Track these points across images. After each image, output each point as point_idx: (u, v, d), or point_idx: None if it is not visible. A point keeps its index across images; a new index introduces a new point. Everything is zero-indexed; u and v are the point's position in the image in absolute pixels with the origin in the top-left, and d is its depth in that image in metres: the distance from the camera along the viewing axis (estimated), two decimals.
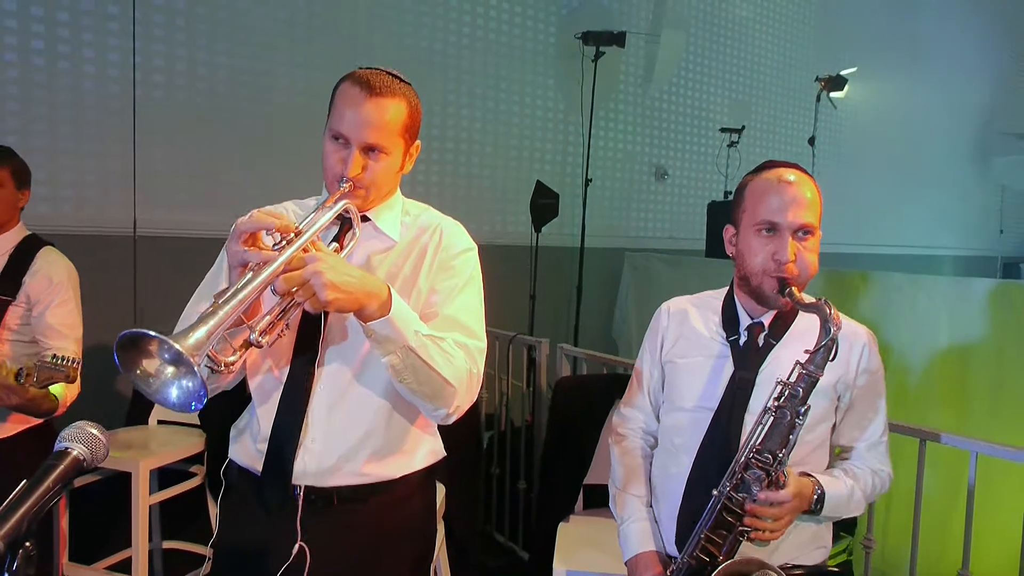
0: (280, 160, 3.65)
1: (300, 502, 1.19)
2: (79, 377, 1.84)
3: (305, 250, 1.03)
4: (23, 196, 2.11)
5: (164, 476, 2.50)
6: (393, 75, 1.21)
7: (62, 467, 0.81)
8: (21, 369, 1.81)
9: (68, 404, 1.94)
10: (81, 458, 0.83)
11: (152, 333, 0.85)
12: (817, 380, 1.19)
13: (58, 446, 0.83)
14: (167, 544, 2.67)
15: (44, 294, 2.02)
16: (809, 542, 1.36)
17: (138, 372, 0.88)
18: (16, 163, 2.09)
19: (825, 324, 1.19)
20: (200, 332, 0.87)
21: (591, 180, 4.53)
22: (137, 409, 2.75)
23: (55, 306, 2.02)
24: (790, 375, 1.22)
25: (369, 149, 1.18)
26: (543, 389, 2.95)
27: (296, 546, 1.18)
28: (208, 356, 0.93)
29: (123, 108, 3.25)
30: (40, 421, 1.98)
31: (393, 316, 1.07)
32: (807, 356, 1.20)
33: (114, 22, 3.20)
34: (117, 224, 3.26)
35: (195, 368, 0.85)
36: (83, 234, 3.08)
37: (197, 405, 0.90)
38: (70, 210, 3.18)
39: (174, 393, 0.90)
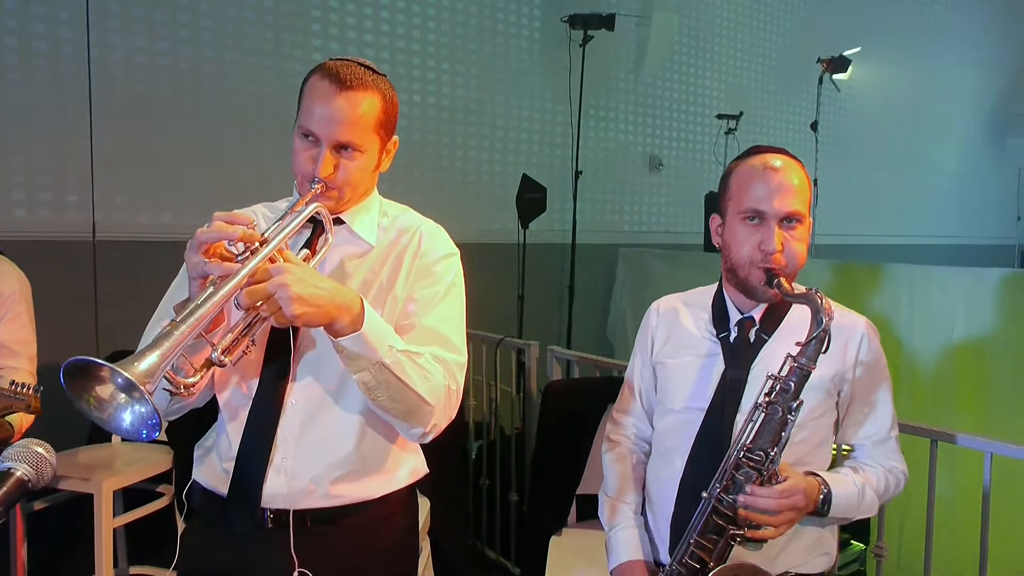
0: (250, 158, 3.64)
1: (268, 526, 1.18)
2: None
3: (272, 260, 1.02)
4: None
5: (130, 497, 2.49)
6: (366, 66, 1.20)
7: (4, 488, 0.82)
8: None
9: (24, 430, 1.93)
10: (25, 479, 0.83)
11: (99, 361, 0.84)
12: (809, 373, 1.20)
13: (0, 467, 0.83)
14: (134, 570, 2.66)
15: None
16: (811, 548, 1.36)
17: (90, 399, 0.88)
18: None
19: (816, 315, 1.20)
20: (152, 357, 0.86)
21: (581, 172, 4.54)
22: (99, 427, 2.73)
23: (6, 321, 2.00)
24: (781, 369, 1.23)
25: (341, 147, 1.17)
26: (533, 394, 2.95)
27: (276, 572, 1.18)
28: (166, 378, 0.92)
29: (78, 104, 3.23)
30: None
31: (365, 331, 1.06)
32: (798, 348, 1.21)
33: (66, 11, 3.18)
34: (74, 228, 3.24)
35: (146, 396, 0.84)
36: (38, 239, 3.06)
37: (151, 433, 0.89)
38: (23, 214, 3.16)
39: (127, 420, 0.89)
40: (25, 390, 1.78)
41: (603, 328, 4.72)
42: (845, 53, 5.35)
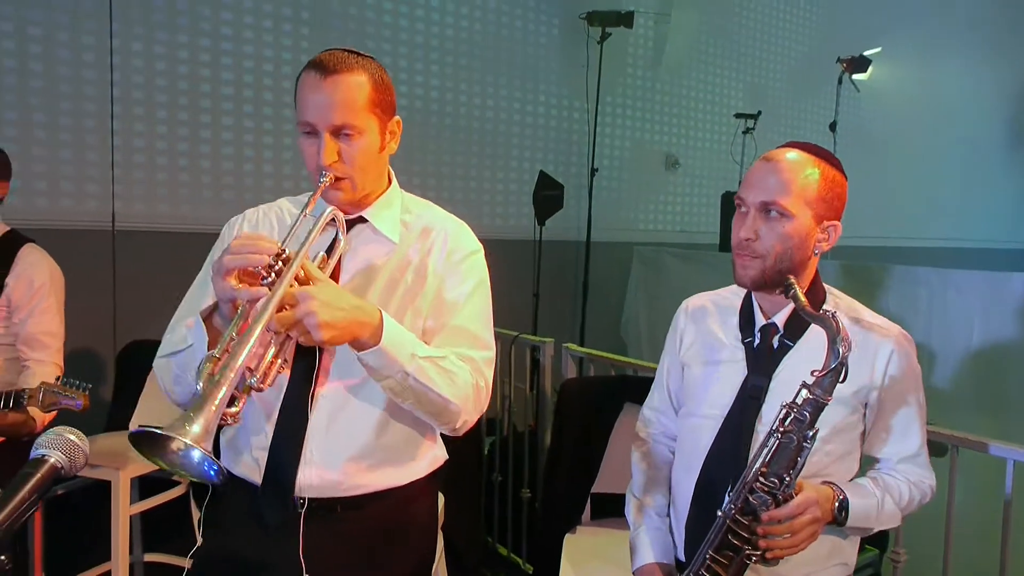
0: (266, 151, 3.65)
1: (302, 516, 1.21)
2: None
3: (297, 277, 1.05)
4: (1, 187, 2.10)
5: (145, 485, 2.51)
6: (349, 51, 1.21)
7: (38, 475, 0.82)
8: (23, 390, 1.84)
9: (47, 422, 1.95)
10: (59, 466, 0.83)
11: (159, 432, 0.89)
12: (824, 405, 1.17)
13: (34, 453, 0.84)
14: (149, 557, 2.68)
15: (25, 299, 2.03)
16: (827, 556, 1.34)
17: (166, 454, 0.93)
18: (2, 169, 2.09)
19: (833, 345, 1.15)
20: (206, 413, 0.92)
21: (597, 170, 4.54)
22: (117, 415, 2.75)
23: (37, 313, 2.04)
24: (796, 397, 1.19)
25: (339, 132, 1.18)
26: (548, 392, 2.95)
27: (299, 560, 1.21)
28: None
29: (100, 95, 3.25)
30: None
31: (385, 345, 1.09)
32: (814, 379, 1.17)
33: (90, 3, 3.20)
34: (94, 218, 3.27)
35: (207, 455, 0.89)
36: (58, 228, 3.08)
37: (210, 475, 0.94)
38: (45, 204, 3.18)
39: (191, 468, 0.93)
40: (74, 388, 1.81)
41: (616, 326, 4.72)
42: (865, 53, 5.30)
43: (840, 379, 1.16)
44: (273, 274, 1.04)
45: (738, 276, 1.32)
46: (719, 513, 1.23)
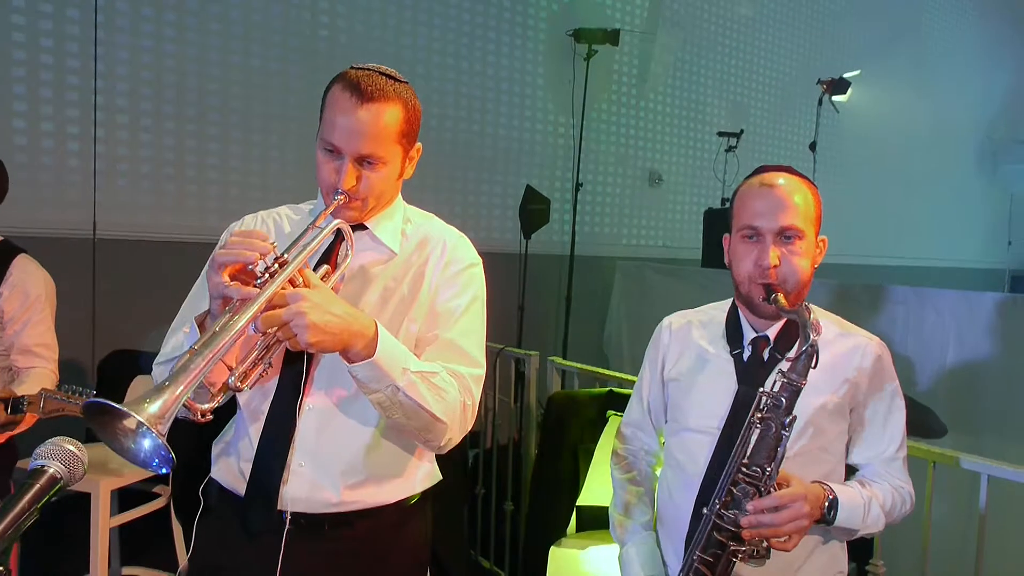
0: (255, 159, 3.65)
1: (286, 527, 1.18)
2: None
3: (292, 281, 1.03)
4: None
5: (125, 497, 2.48)
6: (388, 75, 1.20)
7: (38, 486, 0.81)
8: (23, 397, 1.83)
9: (29, 424, 1.94)
10: (58, 476, 0.82)
11: (115, 405, 0.85)
12: (800, 389, 1.20)
13: (33, 464, 0.83)
14: (127, 570, 2.65)
15: (20, 311, 2.02)
16: (827, 566, 1.37)
17: (109, 433, 0.90)
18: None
19: (804, 329, 1.20)
20: (165, 397, 0.88)
21: (582, 185, 4.58)
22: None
23: (32, 325, 2.02)
24: (772, 385, 1.23)
25: (363, 160, 1.17)
26: (532, 405, 2.96)
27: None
28: (185, 406, 0.93)
29: (83, 102, 3.23)
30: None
31: (378, 359, 1.07)
32: (788, 364, 1.22)
33: (75, 9, 3.19)
34: (75, 226, 3.24)
35: (158, 437, 0.86)
36: (38, 236, 3.04)
37: (164, 467, 0.90)
38: (24, 211, 3.14)
39: (141, 452, 0.90)
40: (76, 395, 1.79)
41: (599, 339, 4.74)
42: (845, 75, 5.42)
43: (812, 364, 1.19)
44: (268, 275, 1.01)
45: (759, 306, 1.34)
46: (704, 511, 1.25)
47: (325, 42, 3.82)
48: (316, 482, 1.19)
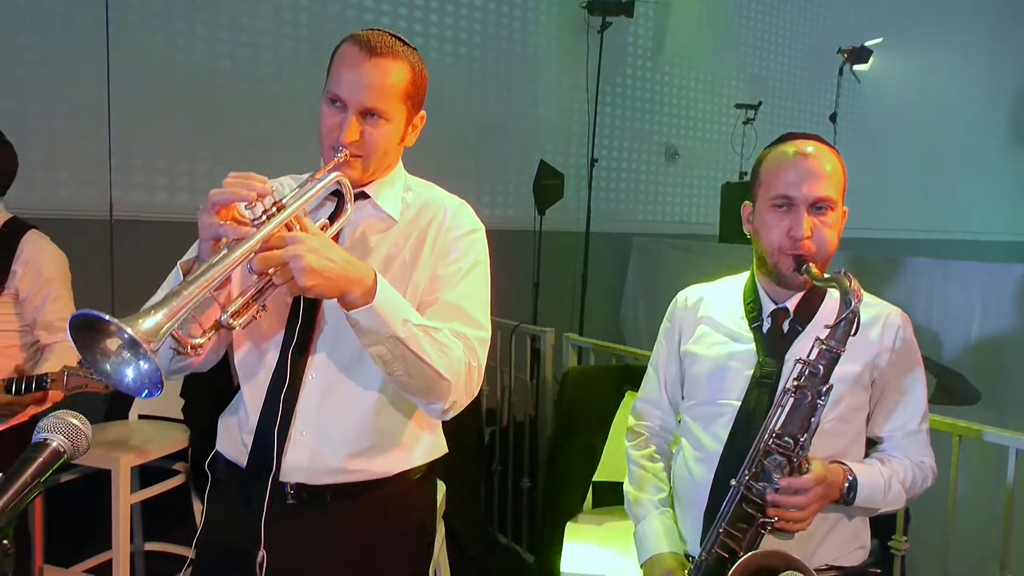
0: (268, 138, 3.63)
1: (287, 500, 1.18)
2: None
3: (288, 227, 1.02)
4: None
5: (145, 474, 2.51)
6: (397, 37, 1.21)
7: (41, 459, 0.81)
8: (45, 375, 1.86)
9: (54, 401, 1.96)
10: (61, 450, 0.82)
11: (105, 317, 0.84)
12: (839, 356, 1.19)
13: (36, 437, 0.83)
14: (149, 546, 2.68)
15: (35, 287, 2.04)
16: (849, 541, 1.35)
17: (96, 353, 0.88)
18: (6, 153, 2.14)
19: (845, 296, 1.19)
20: (158, 316, 0.87)
21: (597, 160, 4.52)
22: (117, 403, 2.75)
23: (50, 300, 2.05)
24: (810, 352, 1.22)
25: (367, 113, 1.17)
26: (547, 381, 2.95)
27: (270, 548, 1.18)
28: (173, 336, 0.92)
29: (96, 83, 3.22)
30: (22, 420, 2.00)
31: (377, 305, 1.06)
32: (827, 331, 1.20)
33: None
34: (92, 207, 3.25)
35: (149, 354, 0.85)
36: (56, 218, 3.06)
37: (152, 392, 0.89)
38: (42, 193, 3.16)
39: (129, 376, 0.89)
40: None
41: (615, 316, 4.71)
42: (867, 44, 5.28)
43: (852, 331, 1.18)
44: (265, 217, 1.01)
45: (787, 277, 1.31)
46: (732, 483, 1.23)
47: (335, 20, 3.78)
48: (317, 451, 1.19)
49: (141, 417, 2.68)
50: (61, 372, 1.87)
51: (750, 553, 1.20)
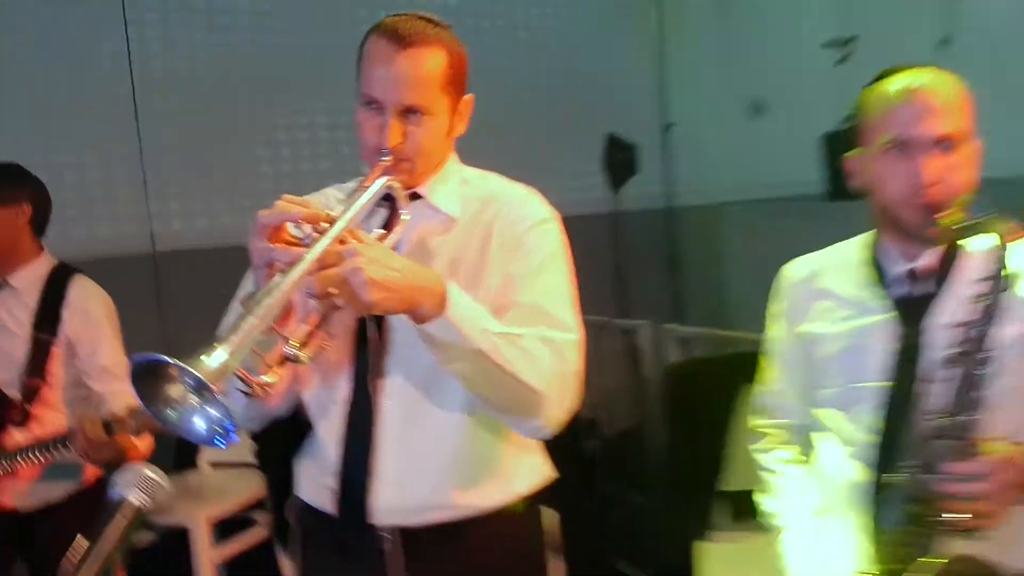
0: (310, 146, 3.69)
1: (385, 545, 1.19)
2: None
3: (342, 241, 1.03)
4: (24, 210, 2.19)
5: (223, 526, 2.54)
6: (426, 19, 1.21)
7: (123, 518, 0.84)
8: (110, 419, 1.92)
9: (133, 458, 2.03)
10: (142, 505, 0.85)
11: (166, 359, 0.85)
12: (993, 317, 1.11)
13: (112, 494, 0.85)
14: None
15: (83, 333, 2.14)
16: None
17: (161, 402, 0.90)
18: (34, 185, 2.21)
19: (995, 243, 1.11)
20: (220, 353, 0.88)
21: (672, 126, 4.43)
22: (184, 451, 2.80)
23: (101, 345, 2.14)
24: (959, 315, 1.14)
25: (408, 111, 1.17)
26: (650, 381, 2.96)
27: None
28: (239, 377, 0.93)
29: (123, 107, 3.30)
30: (92, 481, 2.08)
31: (451, 315, 1.05)
32: (976, 288, 1.12)
33: (106, 24, 3.27)
34: (133, 243, 3.35)
35: (217, 396, 0.85)
36: (97, 258, 3.16)
37: (226, 440, 0.91)
38: (80, 233, 3.27)
39: (199, 424, 0.90)
40: None
41: (716, 297, 4.62)
42: None
43: (1010, 286, 1.11)
44: (316, 234, 1.02)
45: (916, 231, 1.23)
46: (894, 479, 1.17)
47: (365, 6, 3.79)
48: (406, 488, 1.20)
49: (212, 465, 2.73)
50: (127, 413, 1.93)
51: (930, 560, 1.13)
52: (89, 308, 2.16)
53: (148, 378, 0.88)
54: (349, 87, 1.23)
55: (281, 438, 1.35)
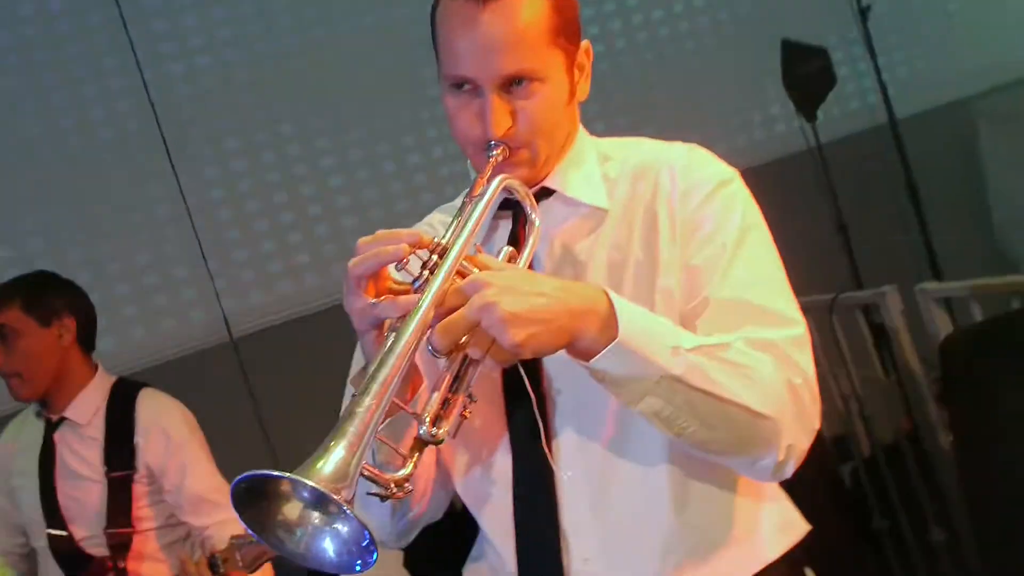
0: (389, 178, 3.88)
1: None
2: None
3: (461, 274, 1.03)
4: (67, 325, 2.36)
5: None
6: None
7: None
8: (214, 556, 2.05)
9: None
10: None
11: (271, 473, 0.86)
12: None
13: None
14: None
15: (166, 459, 2.27)
16: None
17: (277, 530, 0.91)
18: (73, 292, 2.39)
19: None
20: (338, 451, 0.88)
21: (869, 8, 4.27)
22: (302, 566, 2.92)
23: (191, 469, 2.28)
24: None
25: (511, 83, 1.17)
26: (914, 368, 2.84)
27: None
28: (367, 477, 0.95)
29: (167, 189, 3.56)
30: None
31: (626, 338, 1.03)
32: None
33: (113, 57, 3.59)
34: (205, 331, 3.58)
35: (344, 507, 0.85)
36: (168, 359, 3.41)
37: (367, 561, 0.90)
38: (142, 334, 3.53)
39: (329, 548, 0.91)
40: None
41: (984, 233, 4.48)
42: None
43: None
44: (427, 273, 1.02)
45: None
46: None
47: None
48: (615, 574, 1.21)
49: None
50: (230, 547, 2.04)
51: None
52: (166, 427, 2.29)
53: (255, 501, 0.89)
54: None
55: (434, 544, 1.39)
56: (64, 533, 2.32)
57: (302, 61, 3.87)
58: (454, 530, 1.36)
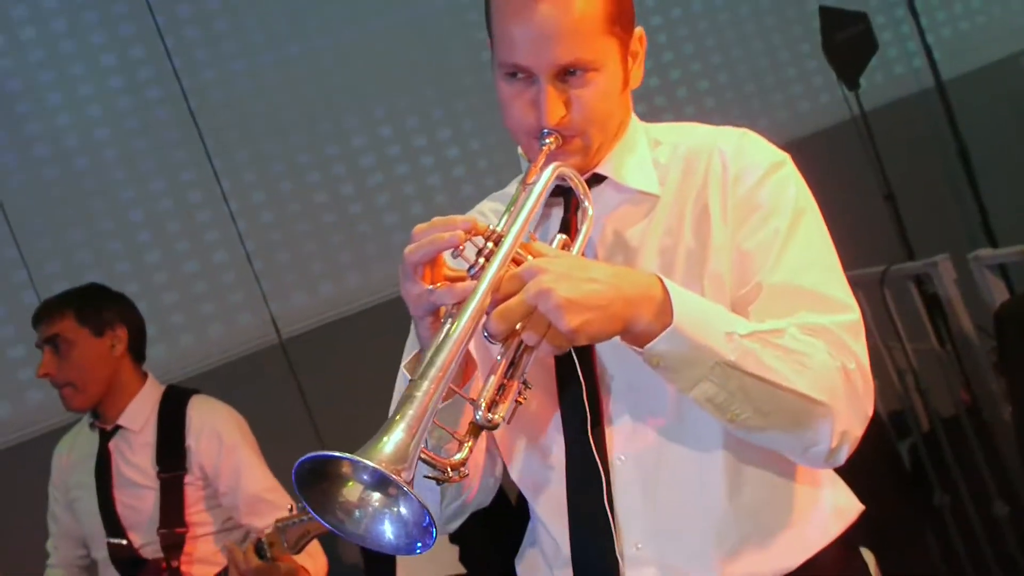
0: (436, 170, 3.87)
1: None
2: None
3: (516, 261, 1.06)
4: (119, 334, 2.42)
5: None
6: None
7: None
8: (260, 542, 2.10)
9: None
10: None
11: (334, 455, 0.89)
12: None
13: None
14: None
15: (220, 460, 2.33)
16: None
17: (337, 511, 0.95)
18: (123, 303, 2.46)
19: None
20: (397, 433, 0.90)
21: None
22: (374, 564, 2.93)
23: (245, 470, 2.34)
24: None
25: (566, 72, 1.19)
26: (971, 339, 2.82)
27: None
28: (425, 460, 0.96)
29: (206, 189, 3.61)
30: None
31: (680, 324, 1.05)
32: None
33: (149, 67, 3.64)
34: (253, 334, 3.63)
35: (405, 487, 0.87)
36: (217, 365, 3.46)
37: (426, 541, 0.93)
38: (191, 340, 3.59)
39: (390, 530, 0.94)
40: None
41: None
42: None
43: None
44: (482, 259, 1.04)
45: None
46: None
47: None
48: (669, 567, 1.21)
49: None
50: (275, 531, 2.08)
51: None
52: (219, 430, 2.35)
53: (317, 482, 0.92)
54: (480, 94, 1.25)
55: (485, 532, 1.41)
56: (124, 542, 2.38)
57: (333, 60, 3.90)
58: (507, 521, 1.40)
